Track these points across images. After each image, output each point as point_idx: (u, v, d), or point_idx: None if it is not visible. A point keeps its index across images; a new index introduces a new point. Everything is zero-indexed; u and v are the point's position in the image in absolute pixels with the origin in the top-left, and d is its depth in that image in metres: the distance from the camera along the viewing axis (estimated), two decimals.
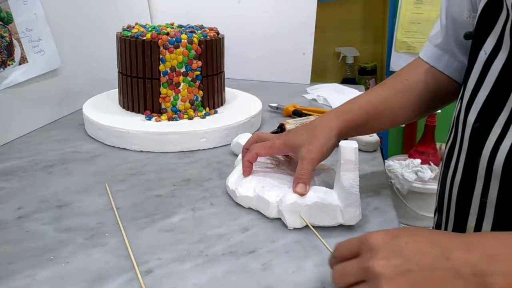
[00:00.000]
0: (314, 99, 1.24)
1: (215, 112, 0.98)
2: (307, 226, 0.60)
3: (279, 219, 0.63)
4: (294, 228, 0.61)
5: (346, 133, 0.67)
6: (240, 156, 0.76)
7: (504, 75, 0.52)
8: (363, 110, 0.67)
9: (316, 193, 0.62)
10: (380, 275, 0.38)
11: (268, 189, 0.65)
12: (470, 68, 0.58)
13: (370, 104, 0.68)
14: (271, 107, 1.12)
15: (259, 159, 0.70)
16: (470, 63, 0.58)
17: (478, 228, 0.56)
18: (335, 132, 0.65)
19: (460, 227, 0.60)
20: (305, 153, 0.63)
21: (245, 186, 0.67)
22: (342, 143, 0.62)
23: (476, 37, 0.57)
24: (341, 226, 0.61)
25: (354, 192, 0.60)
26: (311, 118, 0.96)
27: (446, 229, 0.64)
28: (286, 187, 0.65)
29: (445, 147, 0.64)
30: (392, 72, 1.68)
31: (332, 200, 0.61)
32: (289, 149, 0.66)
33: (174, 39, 0.90)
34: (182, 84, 0.93)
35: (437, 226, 0.67)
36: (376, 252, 0.39)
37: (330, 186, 0.65)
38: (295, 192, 0.61)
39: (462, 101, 0.59)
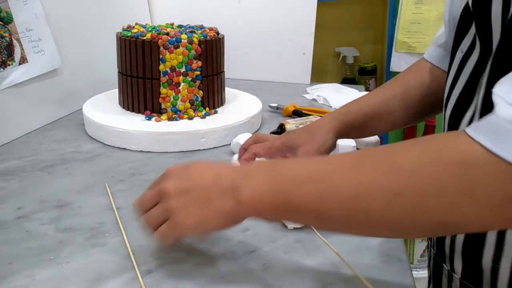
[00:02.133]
0: (314, 99, 1.24)
1: (215, 112, 0.98)
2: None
3: None
4: (294, 228, 0.61)
5: (344, 134, 0.68)
6: (235, 156, 0.76)
7: (474, 74, 0.53)
8: (361, 113, 0.68)
9: None
10: (168, 194, 0.47)
11: None
12: (450, 67, 0.59)
13: (369, 106, 0.69)
14: (271, 107, 1.12)
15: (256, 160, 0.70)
16: (450, 62, 0.59)
17: None
18: (332, 133, 0.66)
19: None
20: (303, 154, 0.64)
21: None
22: (340, 141, 0.62)
23: (456, 37, 0.59)
24: None
25: None
26: (311, 118, 0.96)
27: None
28: None
29: None
30: (392, 72, 1.68)
31: None
32: (288, 149, 0.67)
33: (174, 39, 0.90)
34: (182, 84, 0.93)
35: None
36: (168, 177, 0.49)
37: None
38: None
39: (444, 98, 0.60)
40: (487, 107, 0.48)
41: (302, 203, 0.43)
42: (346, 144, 0.61)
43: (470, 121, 0.52)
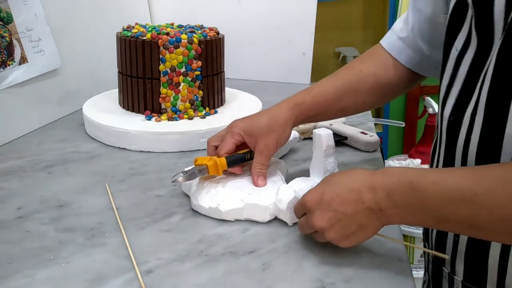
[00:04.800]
0: None
1: (215, 112, 0.98)
2: None
3: (278, 218, 0.63)
4: (294, 228, 0.61)
5: (299, 123, 0.73)
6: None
7: (473, 69, 0.54)
8: (315, 102, 0.72)
9: (306, 182, 0.63)
10: (322, 228, 0.53)
11: (257, 195, 0.64)
12: (444, 65, 0.60)
13: (322, 96, 0.72)
14: None
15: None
16: (444, 60, 0.60)
17: None
18: (290, 124, 0.70)
19: None
20: (263, 147, 0.67)
21: (228, 199, 0.64)
22: (318, 131, 0.65)
23: (448, 35, 0.59)
24: None
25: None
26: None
27: None
28: (271, 188, 0.66)
29: (432, 144, 0.66)
30: None
31: None
32: (247, 137, 0.69)
33: (174, 39, 0.90)
34: (182, 84, 0.93)
35: None
36: (313, 213, 0.54)
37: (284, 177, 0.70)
38: (257, 185, 0.66)
39: (439, 97, 0.61)
40: (494, 100, 0.50)
41: (454, 220, 0.47)
42: (325, 133, 0.64)
43: (472, 117, 0.52)
